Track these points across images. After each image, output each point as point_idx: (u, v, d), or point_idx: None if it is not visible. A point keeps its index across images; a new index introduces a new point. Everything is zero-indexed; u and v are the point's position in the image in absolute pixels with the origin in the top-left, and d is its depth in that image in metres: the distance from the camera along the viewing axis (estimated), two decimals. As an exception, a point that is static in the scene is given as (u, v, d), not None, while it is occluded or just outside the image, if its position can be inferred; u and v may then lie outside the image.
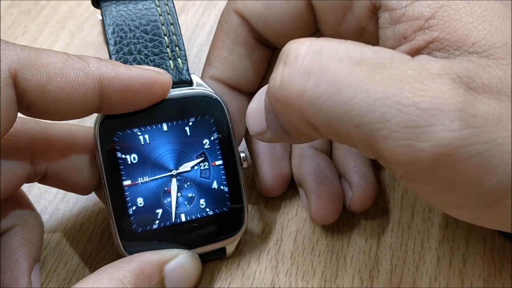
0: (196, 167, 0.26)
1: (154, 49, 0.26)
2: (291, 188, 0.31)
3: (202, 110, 0.26)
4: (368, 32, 0.23)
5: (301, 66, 0.19)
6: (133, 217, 0.25)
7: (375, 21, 0.22)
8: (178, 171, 0.26)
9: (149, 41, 0.26)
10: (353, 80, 0.18)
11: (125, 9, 0.27)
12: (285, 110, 0.20)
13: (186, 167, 0.26)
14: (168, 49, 0.26)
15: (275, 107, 0.21)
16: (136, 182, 0.25)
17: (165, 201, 0.25)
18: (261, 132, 0.23)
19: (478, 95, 0.17)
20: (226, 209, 0.26)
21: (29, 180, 0.25)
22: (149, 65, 0.26)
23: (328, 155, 0.30)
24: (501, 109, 0.17)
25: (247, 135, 0.29)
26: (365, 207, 0.28)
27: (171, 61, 0.26)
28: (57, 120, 0.25)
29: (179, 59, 0.26)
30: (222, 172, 0.26)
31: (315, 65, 0.19)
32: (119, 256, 0.25)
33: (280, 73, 0.20)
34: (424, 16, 0.19)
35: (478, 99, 0.17)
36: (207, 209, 0.26)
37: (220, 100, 0.26)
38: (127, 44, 0.26)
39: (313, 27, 0.26)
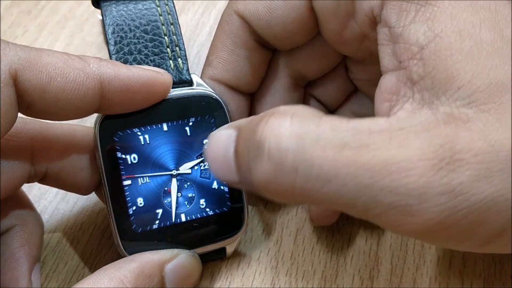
0: (196, 167, 0.26)
1: (154, 49, 0.26)
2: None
3: (202, 110, 0.26)
4: (370, 39, 0.23)
5: (286, 163, 0.18)
6: (133, 217, 0.25)
7: (376, 30, 0.22)
8: (178, 171, 0.26)
9: (149, 41, 0.26)
10: (341, 169, 0.18)
11: (125, 9, 0.27)
12: (275, 197, 0.20)
13: (186, 167, 0.26)
14: (168, 49, 0.26)
15: (261, 191, 0.20)
16: (135, 176, 0.25)
17: (165, 201, 0.25)
18: (229, 182, 0.22)
19: (462, 163, 0.17)
20: (226, 209, 0.26)
21: (29, 180, 0.25)
22: (149, 65, 0.26)
23: None
24: (485, 169, 0.17)
25: None
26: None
27: (171, 61, 0.26)
28: (57, 120, 0.25)
29: (179, 59, 0.26)
30: (222, 172, 0.26)
31: (300, 160, 0.18)
32: (119, 256, 0.25)
33: (265, 170, 0.19)
34: (419, 43, 0.20)
35: (463, 166, 0.17)
36: (207, 209, 0.26)
37: (220, 100, 0.26)
38: (127, 44, 0.26)
39: (314, 32, 0.26)
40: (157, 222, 0.25)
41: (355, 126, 0.19)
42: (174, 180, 0.25)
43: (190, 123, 0.26)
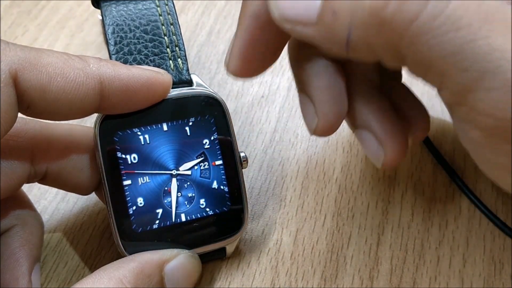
0: (196, 167, 0.26)
1: (154, 49, 0.26)
2: (290, 187, 0.31)
3: (202, 110, 0.26)
4: None
5: None
6: (133, 217, 0.25)
7: None
8: (178, 171, 0.26)
9: (149, 41, 0.26)
10: (475, 21, 0.16)
11: (125, 9, 0.27)
12: (376, 30, 0.17)
13: (186, 167, 0.26)
14: (168, 49, 0.26)
15: (363, 21, 0.17)
16: (135, 172, 0.25)
17: (165, 201, 0.25)
18: (300, 22, 0.19)
19: None
20: (226, 209, 0.26)
21: (29, 180, 0.25)
22: (149, 65, 0.26)
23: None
24: None
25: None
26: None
27: (171, 61, 0.26)
28: (57, 120, 0.25)
29: (179, 59, 0.26)
30: (222, 172, 0.26)
31: None
32: (119, 256, 0.25)
33: None
34: None
35: None
36: (207, 209, 0.26)
37: (220, 100, 0.26)
38: (127, 44, 0.26)
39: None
40: (157, 222, 0.25)
41: None
42: (174, 180, 0.25)
43: (190, 123, 0.26)
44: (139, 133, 0.25)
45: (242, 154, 0.26)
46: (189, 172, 0.26)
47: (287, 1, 0.19)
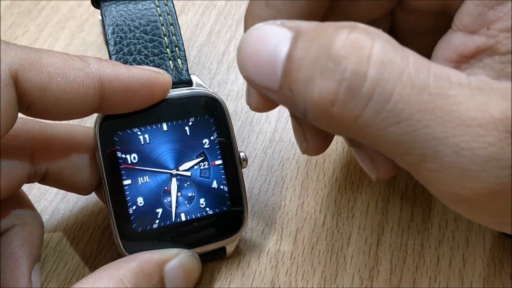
0: (196, 167, 0.26)
1: (154, 50, 0.26)
2: (290, 187, 0.31)
3: (202, 110, 0.26)
4: None
5: (361, 89, 0.17)
6: (133, 216, 0.25)
7: None
8: (178, 171, 0.26)
9: (149, 41, 0.26)
10: (416, 113, 0.17)
11: (125, 9, 0.27)
12: (325, 121, 0.18)
13: (186, 166, 0.26)
14: (167, 49, 0.26)
15: (313, 110, 0.18)
16: (135, 167, 0.25)
17: (165, 201, 0.25)
18: (265, 88, 0.20)
19: None
20: (226, 209, 0.26)
21: (29, 180, 0.25)
22: (149, 65, 0.26)
23: None
24: None
25: None
26: None
27: (170, 62, 0.26)
28: (58, 120, 0.25)
29: (178, 60, 0.26)
30: (221, 171, 0.26)
31: (377, 90, 0.17)
32: (119, 255, 0.25)
33: (333, 89, 0.17)
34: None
35: None
36: (207, 209, 0.26)
37: (219, 100, 0.26)
38: (127, 45, 0.26)
39: None
40: (157, 221, 0.25)
41: (437, 70, 0.17)
42: (174, 180, 0.25)
43: (190, 123, 0.26)
44: (139, 133, 0.25)
45: (242, 154, 0.26)
46: (189, 172, 0.26)
47: (252, 66, 0.19)
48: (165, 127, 0.25)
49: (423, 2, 0.23)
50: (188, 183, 0.26)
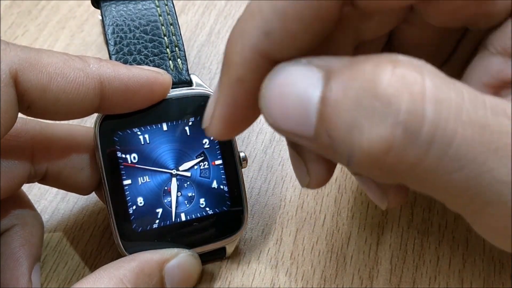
0: (196, 167, 0.26)
1: (153, 50, 0.26)
2: (290, 187, 0.31)
3: (202, 110, 0.26)
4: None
5: (421, 133, 0.15)
6: (133, 216, 0.25)
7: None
8: (178, 171, 0.26)
9: (148, 41, 0.26)
10: (479, 156, 0.15)
11: (125, 9, 0.27)
12: (376, 170, 0.16)
13: (186, 166, 0.26)
14: (167, 49, 0.27)
15: (361, 159, 0.16)
16: (135, 165, 0.25)
17: (165, 201, 0.25)
18: (296, 135, 0.17)
19: None
20: (226, 209, 0.26)
21: (29, 180, 0.25)
22: (149, 65, 0.26)
23: None
24: None
25: None
26: None
27: (170, 62, 0.26)
28: (58, 120, 0.25)
29: (178, 60, 0.26)
30: (221, 171, 0.26)
31: (438, 132, 0.15)
32: (119, 255, 0.25)
33: (388, 135, 0.15)
34: None
35: None
36: (207, 209, 0.26)
37: (220, 100, 0.26)
38: (127, 45, 0.26)
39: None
40: (157, 221, 0.25)
41: (492, 103, 0.16)
42: (174, 180, 0.25)
43: (190, 123, 0.26)
44: (139, 133, 0.25)
45: (242, 154, 0.26)
46: (188, 172, 0.26)
47: (280, 112, 0.17)
48: (165, 127, 0.25)
49: (444, 17, 0.20)
50: (188, 183, 0.26)
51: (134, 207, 0.25)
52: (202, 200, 0.26)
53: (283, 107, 0.17)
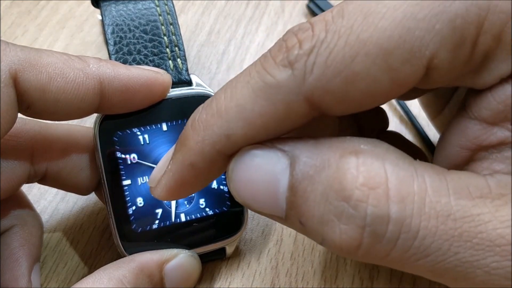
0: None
1: (153, 49, 0.26)
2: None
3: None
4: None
5: (386, 233, 0.16)
6: (133, 217, 0.25)
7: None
8: None
9: (148, 41, 0.26)
10: (444, 243, 0.16)
11: (124, 9, 0.27)
12: (349, 256, 0.17)
13: None
14: (167, 49, 0.26)
15: (334, 251, 0.17)
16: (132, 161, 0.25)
17: (165, 201, 0.25)
18: (268, 215, 0.18)
19: None
20: (226, 209, 0.26)
21: (29, 180, 0.25)
22: (149, 65, 0.26)
23: None
24: None
25: None
26: None
27: (170, 61, 0.26)
28: (57, 120, 0.25)
29: (178, 59, 0.26)
30: (222, 172, 0.26)
31: (402, 230, 0.16)
32: (119, 256, 0.25)
33: (355, 235, 0.16)
34: None
35: None
36: (207, 209, 0.26)
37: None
38: (126, 44, 0.26)
39: None
40: (156, 222, 0.25)
41: (455, 187, 0.16)
42: (173, 180, 0.25)
43: (190, 123, 0.26)
44: (138, 133, 0.25)
45: (242, 154, 0.26)
46: None
47: (249, 195, 0.18)
48: (164, 127, 0.25)
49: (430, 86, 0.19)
50: (188, 183, 0.26)
51: (133, 207, 0.25)
52: (202, 201, 0.26)
53: (252, 191, 0.17)
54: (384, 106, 0.33)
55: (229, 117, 0.18)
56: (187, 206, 0.26)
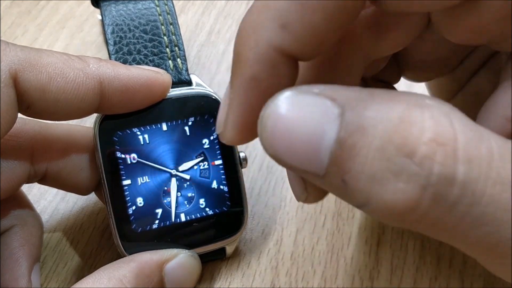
0: (195, 167, 0.26)
1: (153, 49, 0.26)
2: (290, 188, 0.31)
3: (202, 110, 0.26)
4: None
5: (450, 195, 0.14)
6: (133, 217, 0.25)
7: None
8: (177, 171, 0.26)
9: (148, 41, 0.26)
10: (502, 213, 0.14)
11: (124, 8, 0.27)
12: (394, 220, 0.15)
13: (185, 166, 0.26)
14: (167, 49, 0.26)
15: (379, 213, 0.15)
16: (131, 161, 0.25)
17: (165, 201, 0.25)
18: (303, 171, 0.16)
19: None
20: (225, 209, 0.26)
21: (29, 180, 0.25)
22: (149, 65, 0.26)
23: None
24: None
25: None
26: None
27: (170, 61, 0.26)
28: (57, 120, 0.25)
29: (178, 59, 0.26)
30: (221, 171, 0.26)
31: (466, 194, 0.14)
32: (119, 256, 0.25)
33: (415, 195, 0.14)
34: None
35: None
36: (207, 209, 0.26)
37: (219, 100, 0.26)
38: (126, 44, 0.26)
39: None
40: (156, 222, 0.25)
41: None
42: (173, 180, 0.25)
43: (190, 123, 0.26)
44: (138, 133, 0.25)
45: (241, 154, 0.26)
46: (188, 173, 0.26)
47: (284, 146, 0.15)
48: (164, 127, 0.25)
49: (468, 35, 0.18)
50: (188, 183, 0.26)
51: (133, 207, 0.25)
52: (202, 201, 0.26)
53: (289, 142, 0.15)
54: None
55: (279, 4, 0.15)
56: (187, 206, 0.26)
